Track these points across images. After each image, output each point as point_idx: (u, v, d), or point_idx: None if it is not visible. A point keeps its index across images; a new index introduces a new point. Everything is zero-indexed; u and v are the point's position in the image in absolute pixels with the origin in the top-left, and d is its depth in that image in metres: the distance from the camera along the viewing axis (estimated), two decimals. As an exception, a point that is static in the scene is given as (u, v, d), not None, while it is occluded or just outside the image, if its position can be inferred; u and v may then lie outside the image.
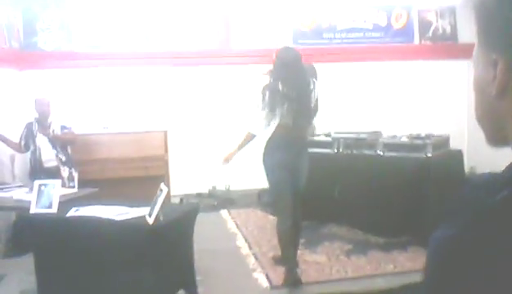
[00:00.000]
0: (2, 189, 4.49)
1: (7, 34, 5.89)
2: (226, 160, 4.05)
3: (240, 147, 3.93)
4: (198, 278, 3.68)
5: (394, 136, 5.00)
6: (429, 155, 4.58)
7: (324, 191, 5.00)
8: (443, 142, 4.96)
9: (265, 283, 3.79)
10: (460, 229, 0.54)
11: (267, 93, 3.68)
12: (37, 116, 5.13)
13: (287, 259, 3.76)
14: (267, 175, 3.82)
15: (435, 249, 0.57)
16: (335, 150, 5.09)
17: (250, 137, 3.88)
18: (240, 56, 6.78)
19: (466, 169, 5.73)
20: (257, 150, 4.37)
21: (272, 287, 3.74)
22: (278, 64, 3.78)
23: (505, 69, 0.58)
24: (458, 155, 5.06)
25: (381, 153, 4.83)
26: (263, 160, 3.82)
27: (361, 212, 4.88)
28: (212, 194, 6.67)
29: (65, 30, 6.48)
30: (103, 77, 6.50)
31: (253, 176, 6.55)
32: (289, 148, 3.71)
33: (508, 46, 0.57)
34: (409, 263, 4.09)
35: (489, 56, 0.59)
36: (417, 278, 3.60)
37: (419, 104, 7.16)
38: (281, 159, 3.69)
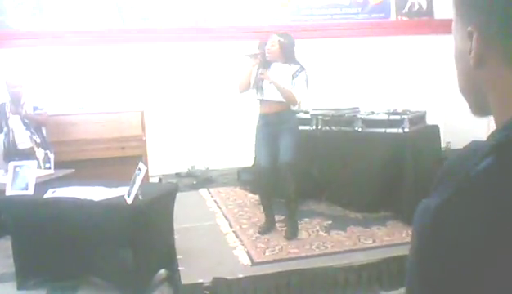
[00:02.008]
0: (-24, 172, 4.39)
1: (-25, 12, 5.70)
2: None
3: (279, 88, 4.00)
4: (178, 256, 3.68)
5: (372, 112, 5.03)
6: (407, 130, 4.62)
7: (302, 168, 5.02)
8: (420, 118, 5.00)
9: (246, 260, 3.81)
10: (443, 199, 0.55)
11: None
12: (9, 97, 5.00)
13: (263, 209, 4.37)
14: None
15: (419, 219, 0.57)
16: (314, 127, 5.10)
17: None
18: (217, 33, 6.70)
19: (442, 144, 5.82)
20: (235, 130, 4.37)
21: (253, 263, 3.75)
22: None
23: (480, 40, 0.59)
24: (435, 130, 5.13)
25: (359, 130, 4.86)
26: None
27: (339, 188, 4.93)
28: (191, 174, 6.65)
29: (36, 8, 6.28)
30: (77, 56, 6.35)
31: (233, 155, 6.56)
32: (264, 124, 4.12)
33: (481, 17, 0.59)
34: (388, 237, 4.15)
35: (465, 29, 0.61)
36: (396, 251, 3.67)
37: (396, 80, 7.20)
38: (260, 133, 4.15)
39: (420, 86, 7.26)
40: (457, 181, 0.55)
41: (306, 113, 5.27)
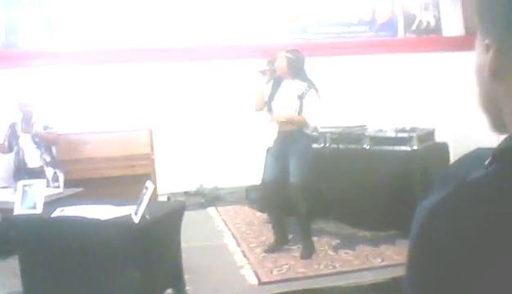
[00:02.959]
0: (-14, 190, 4.42)
1: (-12, 33, 5.80)
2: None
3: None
4: (186, 276, 3.67)
5: (380, 130, 5.02)
6: (415, 148, 4.60)
7: (311, 186, 5.00)
8: (429, 135, 4.98)
9: (253, 280, 3.79)
10: (439, 198, 0.56)
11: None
12: (21, 116, 5.06)
13: (272, 227, 4.38)
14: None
15: (416, 218, 0.58)
16: (322, 144, 5.10)
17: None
18: (225, 52, 6.75)
19: (452, 162, 5.77)
20: (243, 148, 4.39)
21: (260, 283, 3.73)
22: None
23: (496, 52, 0.60)
24: (443, 148, 5.10)
25: (367, 147, 4.84)
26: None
27: (348, 207, 4.90)
28: (199, 192, 6.65)
29: (48, 28, 6.39)
30: (87, 75, 6.42)
31: (241, 173, 6.55)
32: (278, 141, 4.19)
33: (499, 31, 0.59)
34: (397, 256, 4.10)
35: (484, 42, 0.62)
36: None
37: (404, 98, 7.19)
38: (272, 149, 4.27)
39: (429, 103, 7.23)
40: (456, 183, 0.56)
41: (314, 130, 5.27)
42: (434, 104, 7.25)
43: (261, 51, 6.58)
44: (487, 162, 0.55)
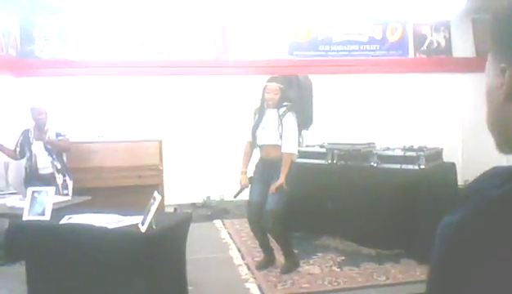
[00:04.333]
0: (-4, 196, 4.48)
1: (4, 41, 5.91)
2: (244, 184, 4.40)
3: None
4: (190, 287, 3.68)
5: (388, 148, 5.03)
6: (423, 167, 4.61)
7: (317, 202, 5.01)
8: (436, 155, 4.99)
9: (257, 293, 3.79)
10: (461, 217, 0.59)
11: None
12: (34, 123, 5.14)
13: (259, 245, 4.43)
14: None
15: (441, 232, 0.61)
16: (329, 161, 5.11)
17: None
18: (236, 67, 6.82)
19: (460, 182, 5.76)
20: (251, 162, 4.44)
21: (264, 297, 3.74)
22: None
23: None
24: (451, 168, 5.09)
25: (375, 165, 4.85)
26: None
27: (354, 224, 4.89)
28: (206, 204, 6.67)
29: (62, 38, 6.50)
30: (99, 85, 6.51)
31: (248, 187, 6.56)
32: (261, 166, 4.31)
33: None
34: (401, 275, 4.10)
35: (498, 65, 0.64)
36: (410, 289, 3.61)
37: (413, 117, 7.20)
38: (256, 173, 4.34)
39: (437, 123, 7.24)
40: (476, 201, 0.59)
41: (322, 147, 5.29)
42: (443, 124, 7.25)
43: (270, 66, 6.66)
44: (505, 179, 0.58)
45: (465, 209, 0.59)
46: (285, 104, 4.20)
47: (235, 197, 4.44)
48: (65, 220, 3.50)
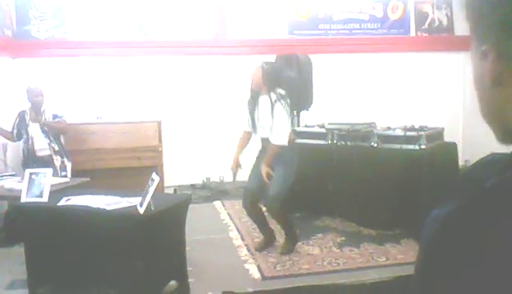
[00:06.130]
0: (-6, 178, 4.46)
1: (0, 22, 5.83)
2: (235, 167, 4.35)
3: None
4: (189, 268, 3.67)
5: (388, 128, 4.98)
6: (423, 147, 4.57)
7: (317, 183, 4.99)
8: (437, 134, 4.94)
9: (256, 274, 3.79)
10: (454, 208, 0.54)
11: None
12: (30, 105, 5.09)
13: (257, 227, 4.41)
14: None
15: (427, 228, 0.57)
16: (329, 141, 5.07)
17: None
18: (235, 46, 6.74)
19: (461, 162, 5.73)
20: (251, 143, 4.41)
21: (264, 278, 3.73)
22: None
23: (496, 57, 0.56)
24: (452, 148, 5.05)
25: (375, 145, 4.81)
26: None
27: (354, 204, 4.88)
28: (206, 185, 6.66)
29: (59, 18, 6.41)
30: (97, 66, 6.44)
31: (248, 168, 6.54)
32: (260, 155, 4.23)
33: (496, 34, 0.56)
34: (401, 255, 4.09)
35: (480, 49, 0.58)
36: (410, 270, 3.61)
37: (414, 96, 7.15)
38: (256, 159, 4.29)
39: (439, 102, 7.19)
40: (470, 191, 0.54)
41: (321, 127, 5.25)
42: (444, 104, 7.20)
43: (270, 46, 6.58)
44: (502, 168, 0.53)
45: (456, 202, 0.54)
46: (279, 91, 4.09)
47: (233, 181, 4.40)
48: (63, 202, 3.48)
